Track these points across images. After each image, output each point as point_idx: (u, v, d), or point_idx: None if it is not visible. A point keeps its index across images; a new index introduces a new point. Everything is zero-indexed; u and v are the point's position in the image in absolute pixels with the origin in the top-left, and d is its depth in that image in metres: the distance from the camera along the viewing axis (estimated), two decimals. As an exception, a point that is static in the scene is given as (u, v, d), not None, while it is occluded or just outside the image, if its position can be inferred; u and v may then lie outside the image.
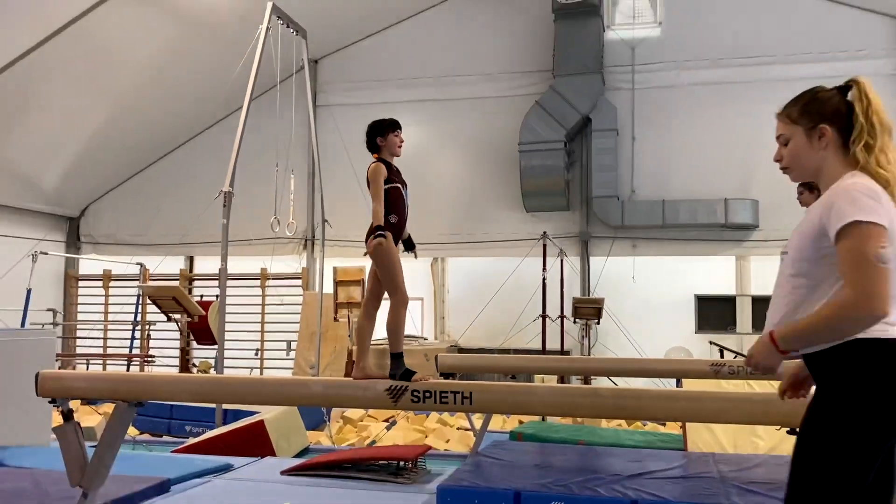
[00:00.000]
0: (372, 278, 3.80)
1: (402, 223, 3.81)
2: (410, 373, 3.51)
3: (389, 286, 3.68)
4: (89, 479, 3.41)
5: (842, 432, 1.94)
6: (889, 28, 11.81)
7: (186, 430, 8.26)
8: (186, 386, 3.82)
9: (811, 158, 2.24)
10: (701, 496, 4.07)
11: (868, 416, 1.93)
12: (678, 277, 12.17)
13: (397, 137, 3.90)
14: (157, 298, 10.65)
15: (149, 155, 14.21)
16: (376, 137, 3.90)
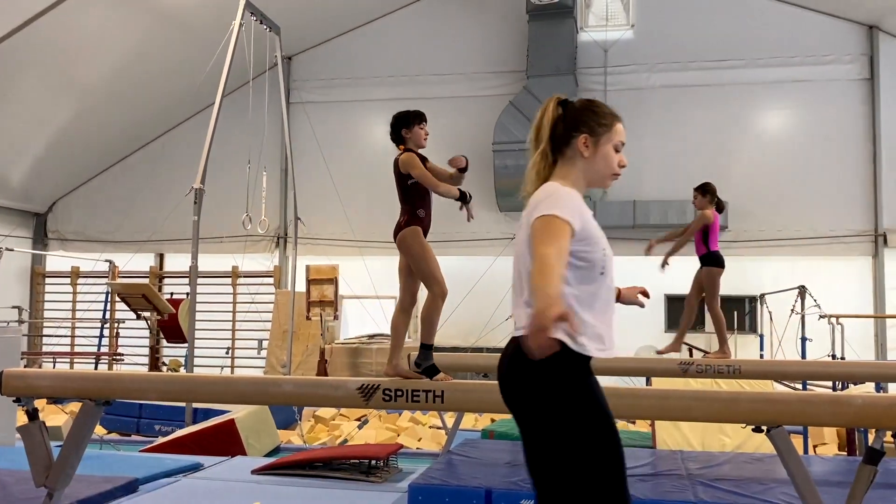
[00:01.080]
0: (403, 273, 3.72)
1: (430, 218, 3.75)
2: (435, 370, 3.50)
3: (426, 279, 3.60)
4: (54, 479, 3.36)
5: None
6: (856, 34, 12.05)
7: (156, 430, 8.18)
8: (155, 384, 3.78)
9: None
10: (668, 493, 4.13)
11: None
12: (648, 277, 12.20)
13: (423, 129, 3.86)
14: (126, 296, 10.52)
15: (119, 151, 14.02)
16: (401, 129, 3.84)
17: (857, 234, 11.83)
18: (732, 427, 6.45)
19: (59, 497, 3.43)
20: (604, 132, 2.26)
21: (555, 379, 2.07)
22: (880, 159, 11.79)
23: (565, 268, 2.01)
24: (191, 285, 7.90)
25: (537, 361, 1.99)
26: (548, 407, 2.07)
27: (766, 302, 10.43)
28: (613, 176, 2.31)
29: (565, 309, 1.77)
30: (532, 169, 2.28)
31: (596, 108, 2.32)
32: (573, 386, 2.09)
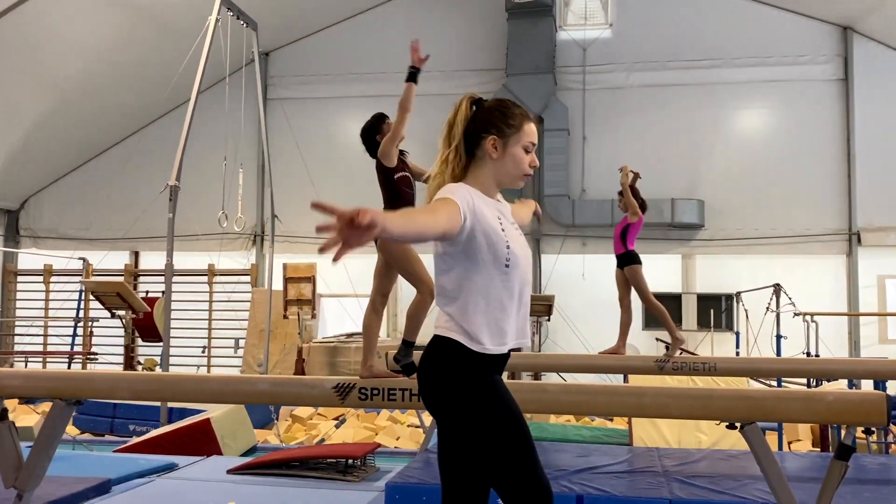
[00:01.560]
0: (378, 274, 3.70)
1: None
2: (414, 367, 3.48)
3: (412, 279, 3.60)
4: (24, 479, 3.30)
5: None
6: (830, 34, 12.20)
7: (130, 429, 8.08)
8: (128, 384, 3.72)
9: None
10: (644, 490, 4.15)
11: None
12: (626, 275, 12.35)
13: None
14: (100, 294, 10.37)
15: (93, 147, 13.83)
16: (374, 136, 3.90)
17: (832, 233, 11.98)
18: (708, 424, 6.50)
19: (29, 498, 3.37)
20: (512, 133, 2.27)
21: (454, 378, 2.17)
22: (854, 159, 11.95)
23: (430, 224, 2.01)
24: (166, 283, 7.82)
25: (440, 361, 2.17)
26: (450, 404, 2.18)
27: (741, 300, 10.54)
28: (524, 176, 2.32)
29: (373, 218, 1.70)
30: (443, 165, 2.28)
31: (505, 108, 2.33)
32: (471, 384, 2.17)
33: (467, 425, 2.17)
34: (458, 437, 2.22)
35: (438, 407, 2.22)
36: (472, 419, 2.16)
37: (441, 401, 2.20)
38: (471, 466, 2.26)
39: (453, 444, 2.26)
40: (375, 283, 3.73)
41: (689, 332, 11.93)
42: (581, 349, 11.33)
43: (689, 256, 12.40)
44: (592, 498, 4.00)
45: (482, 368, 2.19)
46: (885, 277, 11.89)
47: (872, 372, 5.52)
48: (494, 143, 2.26)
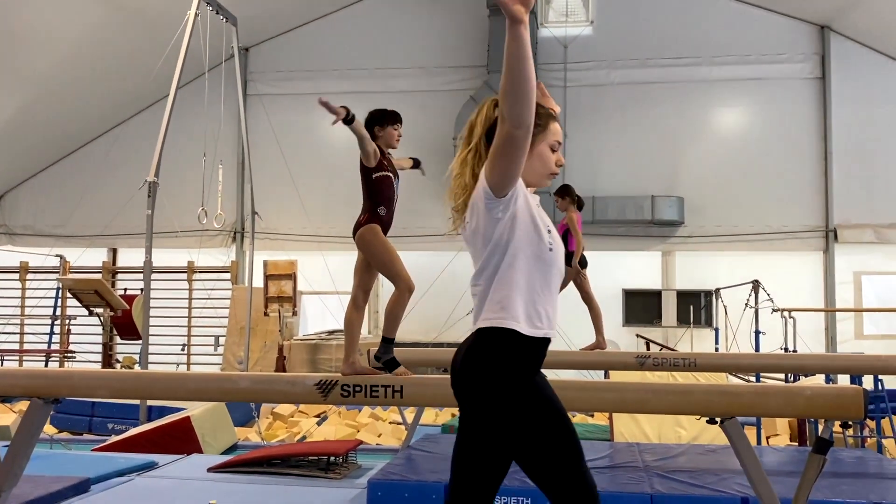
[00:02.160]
0: (359, 270, 3.69)
1: (391, 216, 3.70)
2: (395, 363, 3.47)
3: (390, 276, 3.59)
4: (1, 479, 3.26)
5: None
6: (808, 33, 12.33)
7: (108, 428, 8.00)
8: (107, 381, 3.68)
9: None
10: (625, 485, 4.18)
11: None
12: (607, 272, 12.40)
13: (396, 131, 3.80)
14: (77, 292, 10.26)
15: (70, 143, 13.66)
16: (374, 126, 3.79)
17: (809, 230, 12.12)
18: (688, 419, 6.55)
19: (6, 498, 3.33)
20: (539, 132, 2.25)
21: (507, 371, 2.13)
22: (831, 157, 12.09)
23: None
24: (145, 281, 7.75)
25: (493, 353, 2.10)
26: (499, 399, 2.12)
27: (721, 296, 10.64)
28: (550, 175, 2.33)
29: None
30: (464, 167, 2.27)
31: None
32: (524, 379, 2.15)
33: (516, 422, 2.11)
34: (500, 433, 2.13)
35: (484, 402, 2.13)
36: (522, 416, 2.11)
37: (489, 395, 2.12)
38: (493, 464, 2.19)
39: (487, 440, 2.17)
40: (356, 280, 3.72)
41: (668, 329, 12.05)
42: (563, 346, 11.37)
43: (668, 253, 12.49)
44: (574, 493, 4.02)
45: (533, 360, 2.18)
46: (861, 274, 12.05)
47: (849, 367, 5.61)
48: None
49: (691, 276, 12.26)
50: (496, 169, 2.07)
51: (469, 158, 2.27)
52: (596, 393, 3.26)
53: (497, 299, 2.16)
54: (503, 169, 2.06)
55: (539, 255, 2.17)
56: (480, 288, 2.21)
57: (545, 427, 2.13)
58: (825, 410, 2.89)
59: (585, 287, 5.84)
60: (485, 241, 2.18)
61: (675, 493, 3.99)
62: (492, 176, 2.09)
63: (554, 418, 2.16)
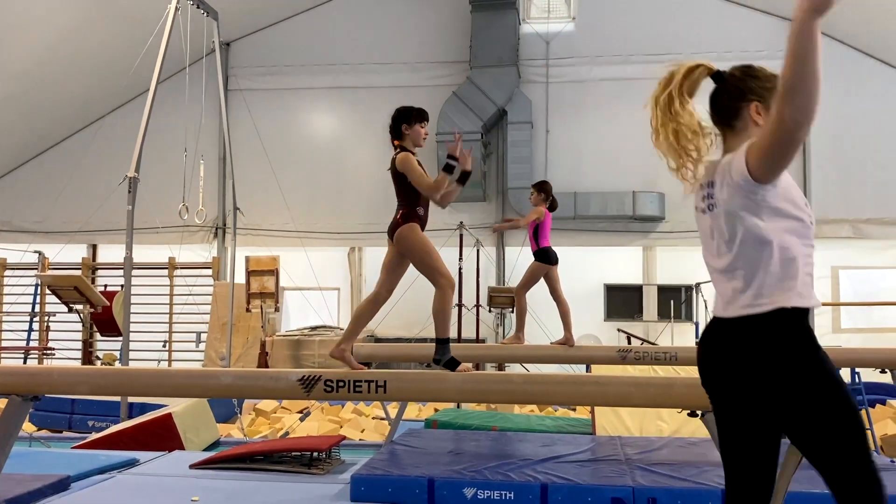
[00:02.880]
0: (388, 268, 3.69)
1: (427, 214, 3.77)
2: (455, 362, 3.46)
3: (431, 274, 3.60)
4: (-20, 477, 3.23)
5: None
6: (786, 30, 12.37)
7: (89, 425, 7.93)
8: (87, 378, 3.66)
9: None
10: (608, 478, 4.21)
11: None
12: (588, 267, 12.50)
13: (423, 129, 3.76)
14: (57, 288, 10.14)
15: (48, 138, 13.50)
16: (402, 124, 3.74)
17: (787, 225, 12.25)
18: (669, 413, 6.61)
19: (-16, 497, 3.30)
20: (772, 96, 2.19)
21: (808, 349, 2.04)
22: (809, 152, 12.22)
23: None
24: (125, 277, 7.68)
25: (791, 336, 2.01)
26: (805, 381, 2.01)
27: (701, 291, 10.73)
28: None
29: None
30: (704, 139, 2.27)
31: (759, 72, 2.32)
32: (823, 354, 2.06)
33: (819, 403, 2.00)
34: (798, 417, 2.02)
35: (788, 386, 2.01)
36: (827, 395, 2.01)
37: (794, 379, 2.00)
38: (762, 454, 2.10)
39: (783, 427, 2.08)
40: (383, 277, 3.71)
41: (650, 323, 12.14)
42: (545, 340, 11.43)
43: (649, 248, 12.58)
44: (556, 486, 4.06)
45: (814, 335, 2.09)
46: (839, 268, 12.21)
47: (826, 360, 5.69)
48: (758, 109, 2.24)
49: (672, 270, 12.35)
50: (770, 160, 2.01)
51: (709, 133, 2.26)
52: (578, 387, 3.29)
53: (776, 276, 2.05)
54: (779, 162, 2.01)
55: (803, 229, 2.09)
56: (755, 267, 2.07)
57: (848, 405, 2.03)
58: (803, 402, 2.93)
59: (555, 283, 5.87)
60: (743, 222, 2.09)
61: (657, 485, 4.03)
62: (762, 165, 2.02)
63: (850, 395, 2.07)
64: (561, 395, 3.45)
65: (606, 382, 3.26)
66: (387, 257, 3.69)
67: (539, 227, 5.83)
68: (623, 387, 3.13)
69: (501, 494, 4.07)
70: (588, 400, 4.13)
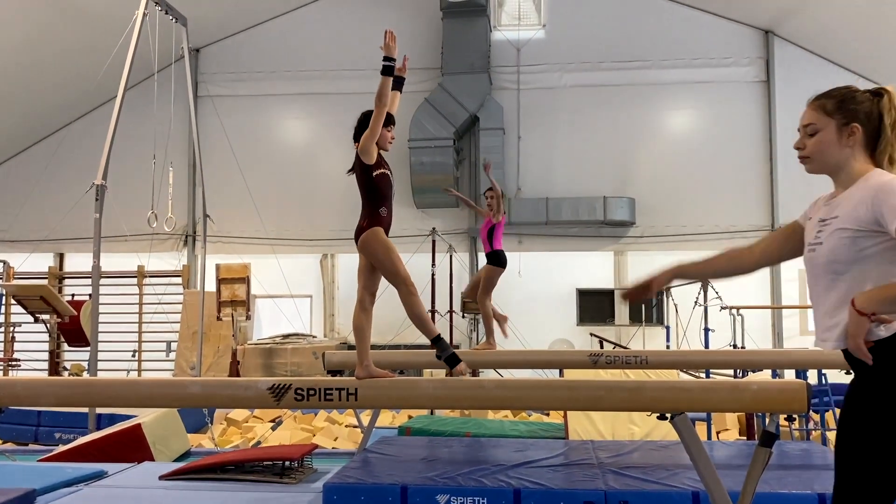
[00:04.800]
0: (363, 273, 3.63)
1: (391, 216, 3.64)
2: (456, 359, 3.40)
3: (394, 278, 3.54)
4: (-60, 493, 3.16)
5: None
6: (753, 38, 12.66)
7: (56, 438, 7.79)
8: (52, 389, 3.59)
9: (836, 154, 2.34)
10: (580, 482, 4.23)
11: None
12: (561, 272, 12.59)
13: (389, 133, 3.72)
14: (22, 298, 9.95)
15: (13, 145, 13.27)
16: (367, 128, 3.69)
17: (756, 229, 12.44)
18: (640, 416, 6.67)
19: (-55, 512, 3.22)
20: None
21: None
22: (776, 158, 12.44)
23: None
24: (93, 286, 7.56)
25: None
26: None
27: (671, 294, 10.83)
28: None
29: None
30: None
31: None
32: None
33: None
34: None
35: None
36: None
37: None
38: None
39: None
40: (361, 283, 3.65)
41: (621, 327, 12.24)
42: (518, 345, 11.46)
43: (620, 253, 12.69)
44: (529, 491, 4.06)
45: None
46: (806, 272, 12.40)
47: (794, 362, 5.78)
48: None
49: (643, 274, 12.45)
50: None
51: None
52: (550, 391, 3.30)
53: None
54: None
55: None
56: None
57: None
58: (770, 404, 2.97)
59: (484, 284, 5.88)
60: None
61: (629, 489, 4.06)
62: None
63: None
64: (533, 399, 3.45)
65: (577, 386, 3.27)
66: (360, 262, 3.66)
67: (495, 229, 5.87)
68: (594, 391, 3.14)
69: (475, 501, 4.07)
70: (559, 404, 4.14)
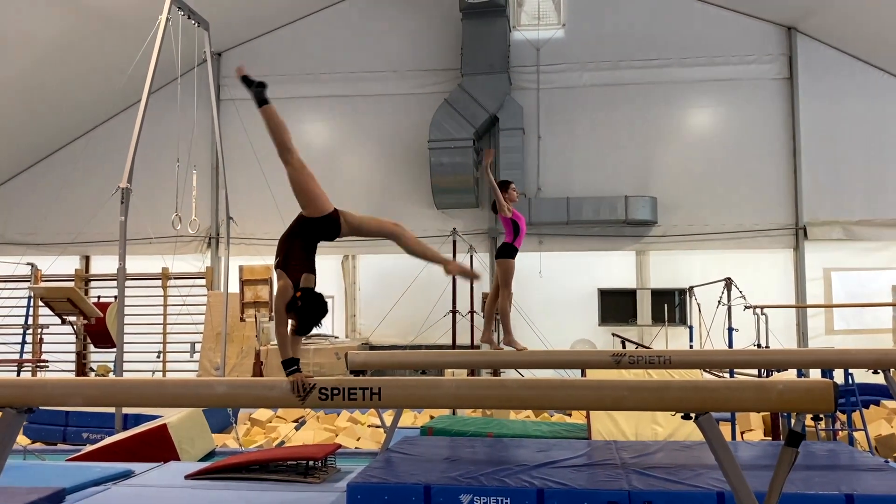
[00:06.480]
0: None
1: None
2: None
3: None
4: (-26, 491, 3.22)
5: None
6: (776, 35, 12.53)
7: (83, 438, 7.90)
8: (81, 390, 3.64)
9: None
10: (603, 482, 4.22)
11: None
12: (582, 272, 12.54)
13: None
14: (50, 300, 10.11)
15: (40, 149, 13.47)
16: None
17: (779, 228, 12.32)
18: (664, 416, 6.63)
19: (-22, 510, 3.28)
20: None
21: None
22: (800, 155, 12.30)
23: None
24: (119, 288, 7.66)
25: None
26: None
27: (694, 294, 10.76)
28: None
29: None
30: None
31: None
32: None
33: None
34: None
35: None
36: None
37: None
38: None
39: None
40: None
41: (644, 327, 12.17)
42: (540, 345, 11.44)
43: (642, 252, 12.62)
44: (552, 491, 4.06)
45: None
46: (831, 270, 12.26)
47: (820, 361, 5.70)
48: None
49: (665, 274, 12.39)
50: None
51: None
52: (573, 391, 3.29)
53: None
54: None
55: None
56: None
57: None
58: (797, 404, 2.95)
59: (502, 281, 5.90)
60: None
61: (653, 489, 4.04)
62: None
63: None
64: (556, 399, 3.45)
65: (601, 386, 3.26)
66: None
67: (505, 224, 5.88)
68: (617, 390, 3.13)
69: (498, 500, 4.07)
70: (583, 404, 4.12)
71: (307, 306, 3.38)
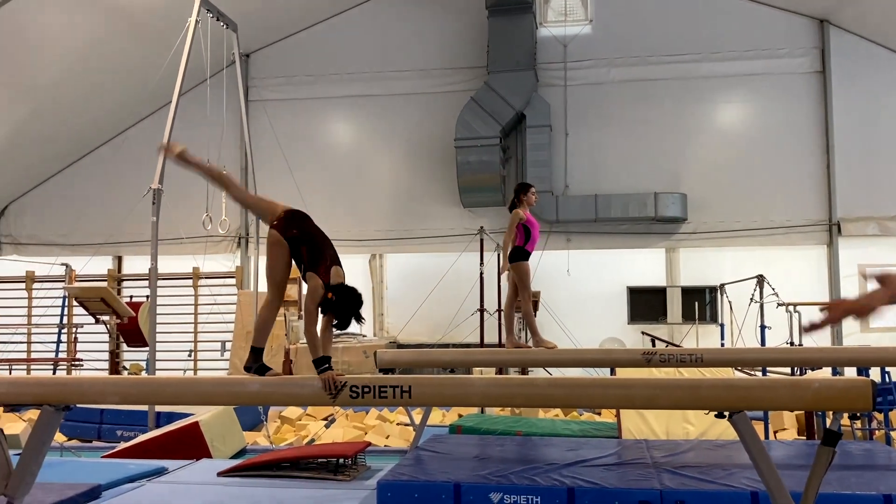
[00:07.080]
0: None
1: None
2: (265, 368, 3.62)
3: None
4: (14, 487, 3.28)
5: None
6: (808, 28, 12.32)
7: (118, 435, 8.03)
8: (116, 388, 3.70)
9: None
10: (635, 481, 4.18)
11: None
12: (611, 270, 12.45)
13: None
14: (84, 300, 10.28)
15: (74, 151, 13.71)
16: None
17: (812, 224, 12.12)
18: (696, 415, 6.56)
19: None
20: None
21: None
22: (833, 150, 12.09)
23: None
24: (150, 287, 7.77)
25: None
26: None
27: (725, 292, 10.61)
28: None
29: None
30: None
31: None
32: None
33: None
34: None
35: None
36: None
37: None
38: None
39: None
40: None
41: (674, 325, 12.05)
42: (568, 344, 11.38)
43: (672, 250, 12.49)
44: (583, 490, 4.04)
45: None
46: (865, 266, 12.03)
47: (855, 360, 5.60)
48: None
49: (695, 272, 12.26)
50: None
51: None
52: (603, 390, 3.27)
53: None
54: None
55: None
56: None
57: None
58: (833, 402, 2.90)
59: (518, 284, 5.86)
60: None
61: (685, 488, 4.00)
62: None
63: None
64: (585, 398, 3.43)
65: (631, 385, 3.23)
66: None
67: (532, 231, 5.83)
68: (649, 389, 3.10)
69: (528, 499, 4.06)
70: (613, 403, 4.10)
71: (341, 300, 3.46)
